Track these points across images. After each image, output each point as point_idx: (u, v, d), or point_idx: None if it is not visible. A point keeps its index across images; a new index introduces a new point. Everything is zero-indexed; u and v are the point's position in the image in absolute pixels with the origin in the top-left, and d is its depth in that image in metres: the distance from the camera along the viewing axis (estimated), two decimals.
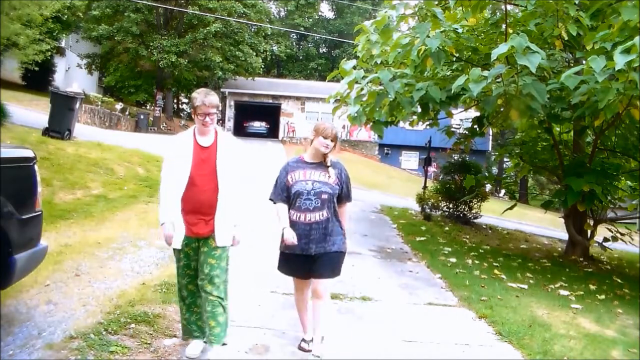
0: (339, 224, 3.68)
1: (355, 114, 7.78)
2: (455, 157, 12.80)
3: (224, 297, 3.46)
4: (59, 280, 4.60)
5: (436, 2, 8.13)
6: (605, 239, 9.40)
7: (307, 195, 3.54)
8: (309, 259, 3.59)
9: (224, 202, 3.36)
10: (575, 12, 6.53)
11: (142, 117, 26.27)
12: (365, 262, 7.02)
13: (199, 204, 3.33)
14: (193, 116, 3.37)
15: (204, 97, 3.31)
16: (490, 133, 26.44)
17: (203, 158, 3.36)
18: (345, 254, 3.73)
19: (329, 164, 3.63)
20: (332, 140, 3.56)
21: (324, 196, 3.55)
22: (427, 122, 9.46)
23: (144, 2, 26.66)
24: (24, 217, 3.46)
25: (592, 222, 9.63)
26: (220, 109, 3.04)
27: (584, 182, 7.84)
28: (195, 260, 3.42)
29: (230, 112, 33.20)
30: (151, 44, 27.28)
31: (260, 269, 5.61)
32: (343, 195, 3.68)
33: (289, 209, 3.61)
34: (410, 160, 33.97)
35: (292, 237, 3.49)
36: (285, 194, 3.62)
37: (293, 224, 3.55)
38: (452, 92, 6.81)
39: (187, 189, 3.31)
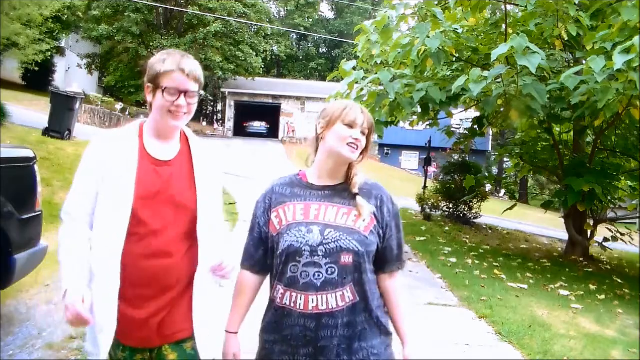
0: (379, 314, 1.76)
1: None
2: (455, 157, 12.80)
3: None
4: (58, 280, 4.59)
5: (436, 2, 8.14)
6: (605, 239, 9.40)
7: (310, 256, 1.66)
8: None
9: (203, 267, 1.78)
10: (575, 12, 6.53)
11: (142, 117, 26.25)
12: None
13: (152, 275, 1.71)
14: (150, 98, 1.81)
15: (179, 58, 1.77)
16: (490, 133, 26.44)
17: (157, 182, 1.76)
18: None
19: (355, 189, 1.76)
20: (362, 133, 1.75)
21: (346, 258, 1.67)
22: (427, 122, 9.47)
23: (144, 2, 26.67)
24: (24, 217, 3.46)
25: (592, 222, 9.63)
26: (202, 88, 1.89)
27: (584, 182, 7.85)
28: None
29: (230, 112, 33.21)
30: (151, 44, 27.30)
31: None
32: (387, 254, 1.79)
33: (272, 283, 1.76)
34: (410, 160, 33.95)
35: None
36: (259, 252, 1.80)
37: (282, 315, 1.70)
38: (452, 92, 6.81)
39: (128, 241, 1.70)
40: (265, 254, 1.79)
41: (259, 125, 33.28)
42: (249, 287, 1.82)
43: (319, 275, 1.66)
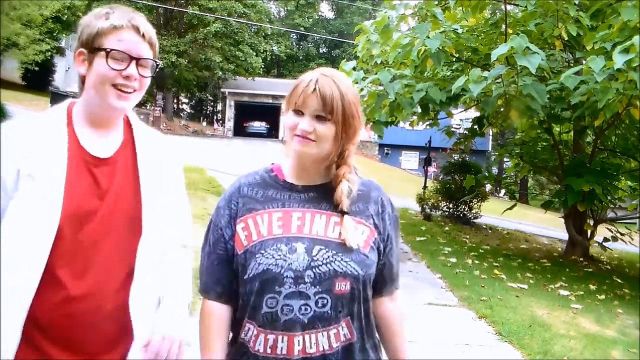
0: (375, 355, 1.38)
1: None
2: (455, 157, 12.80)
3: None
4: None
5: (436, 2, 8.14)
6: (605, 239, 9.40)
7: (294, 284, 1.24)
8: None
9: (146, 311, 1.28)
10: (575, 12, 6.54)
11: (141, 117, 26.23)
12: None
13: (74, 328, 1.19)
14: (82, 70, 1.31)
15: (129, 12, 1.29)
16: (490, 133, 26.45)
17: (93, 189, 1.25)
18: None
19: (343, 203, 1.30)
20: (317, 117, 1.26)
21: (342, 286, 1.26)
22: (427, 122, 9.47)
23: (144, 2, 26.68)
24: None
25: (592, 222, 9.63)
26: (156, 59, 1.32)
27: (584, 182, 7.85)
28: None
29: (230, 112, 33.22)
30: None
31: None
32: (385, 272, 1.44)
33: (241, 320, 1.31)
34: (410, 160, 33.95)
35: None
36: (227, 275, 1.34)
37: None
38: (452, 92, 6.81)
39: (48, 278, 1.16)
40: (235, 278, 1.32)
41: (259, 125, 33.28)
42: (222, 322, 1.32)
43: (306, 310, 1.23)
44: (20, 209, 1.16)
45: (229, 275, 1.33)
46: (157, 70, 1.34)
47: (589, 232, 9.54)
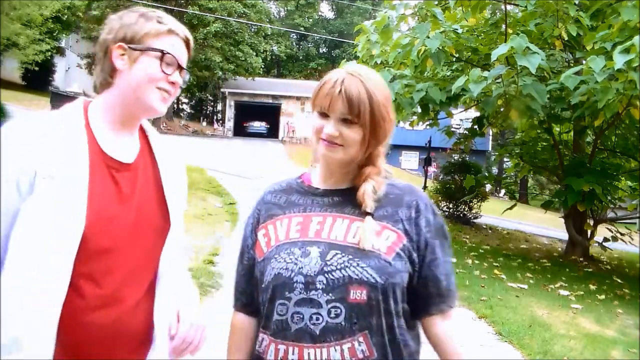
0: None
1: None
2: (455, 157, 12.81)
3: None
4: None
5: (436, 2, 8.14)
6: (605, 239, 9.41)
7: (304, 291, 1.15)
8: None
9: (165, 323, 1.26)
10: (575, 12, 6.54)
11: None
12: None
13: (97, 333, 1.14)
14: (121, 64, 1.21)
15: (179, 24, 1.28)
16: (490, 133, 26.43)
17: (116, 196, 1.20)
18: None
19: (366, 202, 1.20)
20: (344, 120, 1.18)
21: (357, 294, 1.14)
22: (427, 122, 9.47)
23: (143, 2, 26.70)
24: None
25: (592, 222, 9.64)
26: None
27: (584, 182, 7.85)
28: None
29: (230, 112, 33.22)
30: None
31: None
32: (430, 287, 1.23)
33: (258, 329, 1.25)
34: (410, 160, 33.93)
35: None
36: (249, 287, 1.30)
37: None
38: (452, 92, 6.82)
39: (75, 288, 1.11)
40: (249, 290, 1.30)
41: (259, 125, 33.26)
42: (244, 334, 1.29)
43: (317, 319, 1.13)
44: (39, 213, 1.09)
45: (254, 286, 1.28)
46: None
47: (589, 232, 9.55)
